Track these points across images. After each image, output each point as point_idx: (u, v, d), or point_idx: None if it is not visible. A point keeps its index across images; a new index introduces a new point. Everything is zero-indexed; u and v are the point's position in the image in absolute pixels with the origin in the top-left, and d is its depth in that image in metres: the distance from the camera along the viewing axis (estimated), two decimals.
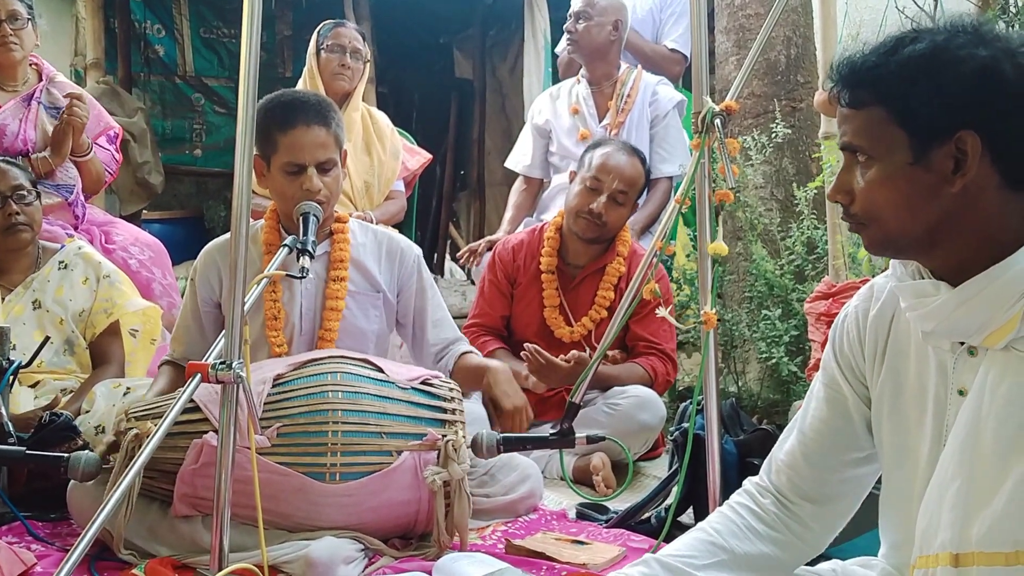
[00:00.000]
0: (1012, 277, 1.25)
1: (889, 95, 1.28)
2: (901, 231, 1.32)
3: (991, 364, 1.27)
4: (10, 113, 3.50)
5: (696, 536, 1.54)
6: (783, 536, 1.54)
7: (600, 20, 3.99)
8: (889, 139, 1.29)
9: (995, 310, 1.25)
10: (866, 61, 1.31)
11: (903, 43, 1.29)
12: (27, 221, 3.06)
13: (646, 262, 2.38)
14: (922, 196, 1.29)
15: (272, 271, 2.12)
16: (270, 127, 2.50)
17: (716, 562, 1.50)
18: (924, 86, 1.26)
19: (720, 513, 1.58)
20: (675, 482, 2.38)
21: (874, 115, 1.30)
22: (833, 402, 1.53)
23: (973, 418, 1.26)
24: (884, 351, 1.45)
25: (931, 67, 1.26)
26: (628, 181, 3.26)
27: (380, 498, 2.21)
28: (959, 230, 1.29)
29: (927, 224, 1.30)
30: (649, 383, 3.15)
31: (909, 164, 1.28)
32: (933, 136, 1.26)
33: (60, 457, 2.21)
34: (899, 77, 1.27)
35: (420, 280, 2.72)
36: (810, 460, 1.54)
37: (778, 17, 2.39)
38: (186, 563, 2.14)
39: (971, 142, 1.25)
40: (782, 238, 3.56)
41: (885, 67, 1.29)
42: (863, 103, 1.31)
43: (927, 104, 1.26)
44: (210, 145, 6.55)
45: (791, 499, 1.56)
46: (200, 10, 6.47)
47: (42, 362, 2.92)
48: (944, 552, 1.24)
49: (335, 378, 2.27)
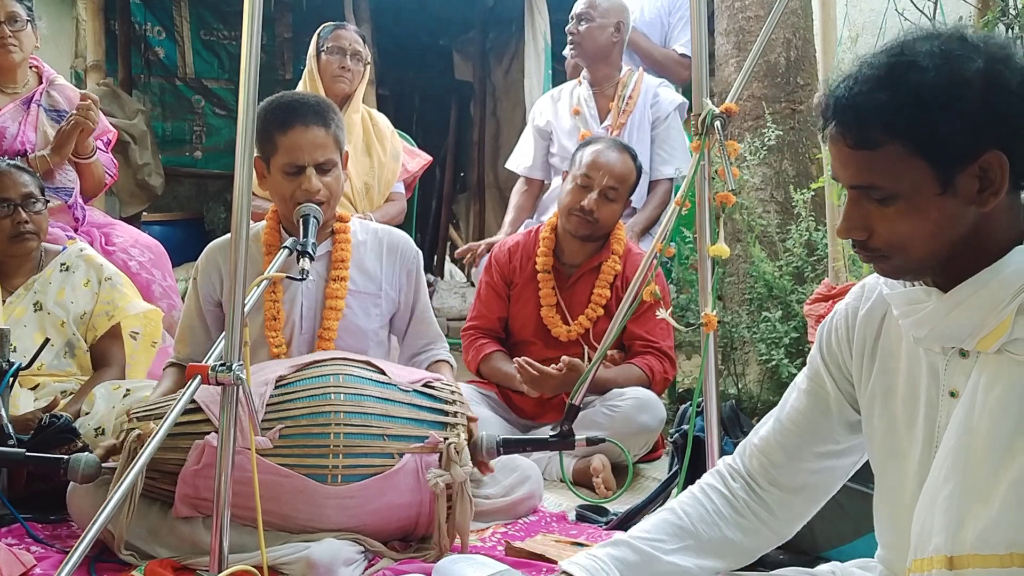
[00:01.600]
0: (1002, 280, 1.25)
1: (907, 130, 1.24)
2: (929, 257, 1.30)
3: (983, 367, 1.28)
4: (10, 116, 3.50)
5: (666, 518, 1.55)
6: (749, 523, 1.56)
7: (602, 22, 3.99)
8: (912, 173, 1.25)
9: (986, 314, 1.25)
10: (870, 99, 1.26)
11: (898, 71, 1.25)
12: (35, 229, 3.05)
13: (646, 264, 2.38)
14: (951, 221, 1.27)
15: (272, 273, 2.12)
16: (269, 128, 2.52)
17: (683, 547, 1.52)
18: (943, 115, 1.22)
19: (691, 495, 1.60)
20: (675, 484, 2.38)
21: (891, 152, 1.25)
22: (814, 395, 1.55)
23: (966, 421, 1.27)
24: (874, 351, 1.46)
25: (946, 94, 1.22)
26: (618, 177, 3.27)
27: (382, 500, 2.21)
28: (975, 241, 1.28)
29: (953, 245, 1.28)
30: (647, 383, 3.16)
31: (937, 195, 1.25)
32: (957, 162, 1.24)
33: (60, 459, 2.22)
34: (916, 110, 1.23)
35: (418, 279, 2.75)
36: (785, 448, 1.55)
37: (778, 19, 2.39)
38: (186, 564, 2.14)
39: (997, 161, 1.23)
40: (782, 240, 3.56)
41: (894, 102, 1.24)
42: (876, 143, 1.26)
43: (950, 133, 1.23)
44: (210, 147, 6.55)
45: (761, 484, 1.57)
46: (200, 12, 6.47)
47: (42, 364, 2.92)
48: (939, 555, 1.24)
49: (337, 380, 2.28)
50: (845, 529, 2.07)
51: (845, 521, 2.03)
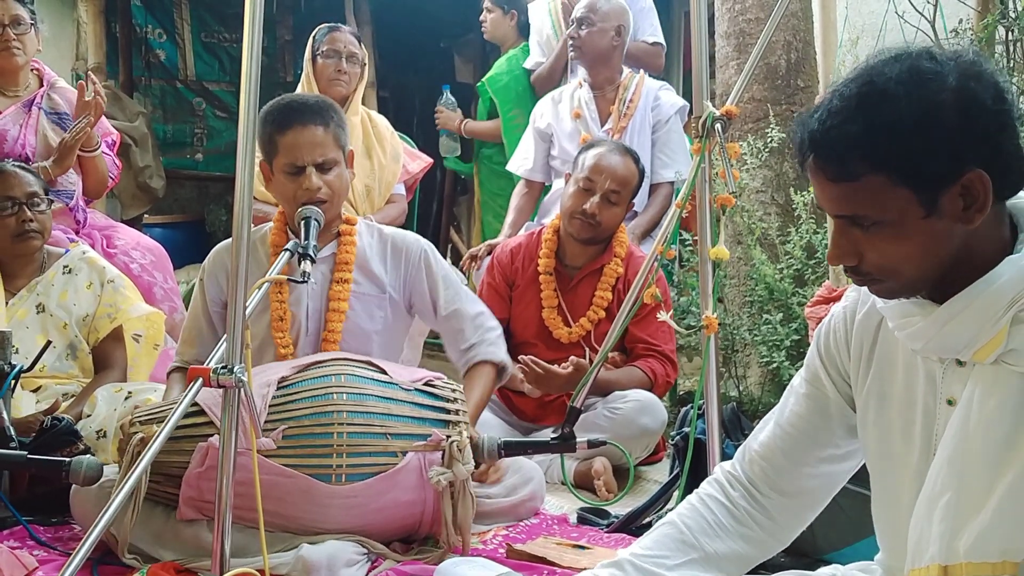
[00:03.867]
0: (995, 291, 1.25)
1: (886, 161, 1.24)
2: (920, 277, 1.30)
3: (979, 377, 1.28)
4: (11, 119, 3.50)
5: (667, 532, 1.55)
6: (751, 531, 1.56)
7: (603, 26, 4.01)
8: (895, 201, 1.25)
9: (981, 325, 1.25)
10: (844, 132, 1.25)
11: (871, 100, 1.24)
12: (39, 228, 3.06)
13: (647, 266, 2.39)
14: (938, 241, 1.27)
15: (273, 275, 2.13)
16: (270, 130, 2.54)
17: (687, 561, 1.51)
18: (920, 142, 1.22)
19: (691, 506, 1.59)
20: (676, 487, 2.38)
21: (873, 183, 1.25)
22: (813, 399, 1.54)
23: (961, 431, 1.27)
24: (871, 356, 1.46)
25: (922, 122, 1.22)
26: (621, 181, 3.27)
27: (386, 499, 2.21)
28: (965, 254, 1.28)
29: (942, 262, 1.28)
30: (648, 386, 3.16)
31: (923, 219, 1.25)
32: (940, 185, 1.24)
33: (61, 461, 2.22)
34: (893, 141, 1.23)
35: (429, 275, 2.68)
36: (786, 453, 1.55)
37: (778, 22, 2.40)
38: (189, 568, 2.14)
39: (978, 179, 1.23)
40: (782, 242, 3.56)
41: (870, 135, 1.24)
42: (856, 175, 1.26)
43: (929, 159, 1.23)
44: (211, 149, 6.56)
45: (762, 490, 1.57)
46: (201, 14, 6.48)
47: (44, 366, 2.92)
48: (934, 564, 1.24)
49: (339, 380, 2.28)
50: (846, 531, 2.08)
51: (846, 523, 2.03)
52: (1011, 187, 1.28)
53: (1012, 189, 1.28)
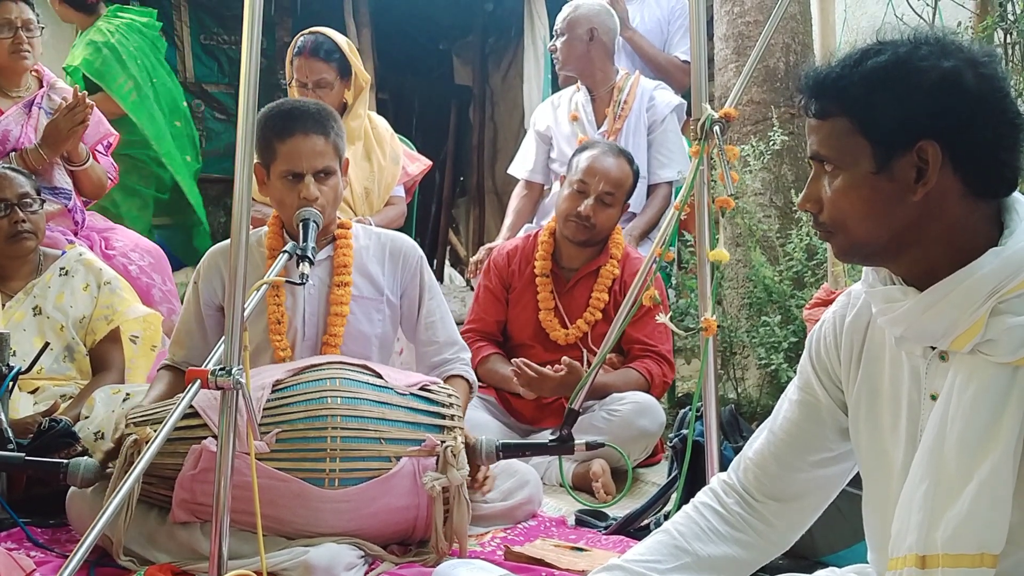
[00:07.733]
0: (976, 280, 1.26)
1: (852, 106, 1.32)
2: (867, 239, 1.35)
3: (959, 368, 1.29)
4: (12, 119, 3.50)
5: (660, 539, 1.55)
6: (746, 536, 1.56)
7: (573, 34, 4.04)
8: (853, 149, 1.32)
9: (960, 313, 1.27)
10: (831, 72, 1.34)
11: (868, 55, 1.32)
12: (32, 229, 3.05)
13: (645, 268, 2.39)
14: (885, 204, 1.31)
15: (271, 277, 2.13)
16: (269, 136, 2.53)
17: (680, 565, 1.52)
18: (885, 97, 1.29)
19: (684, 514, 1.60)
20: (674, 489, 2.38)
21: (839, 125, 1.33)
22: (806, 405, 1.55)
23: (940, 422, 1.28)
24: (860, 357, 1.47)
25: (892, 78, 1.29)
26: (614, 183, 3.28)
27: (379, 503, 2.21)
28: (924, 237, 1.31)
29: (892, 231, 1.32)
30: (646, 387, 3.16)
31: (872, 173, 1.31)
32: (895, 146, 1.29)
33: (59, 463, 2.22)
34: (861, 88, 1.31)
35: (421, 282, 2.71)
36: (779, 459, 1.56)
37: (777, 24, 2.40)
38: (185, 570, 2.14)
39: (932, 152, 1.27)
40: (781, 244, 3.56)
41: (849, 78, 1.32)
42: (828, 114, 1.34)
43: (888, 114, 1.29)
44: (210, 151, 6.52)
45: (757, 497, 1.57)
46: (200, 17, 6.47)
47: (42, 368, 2.92)
48: (911, 554, 1.26)
49: (334, 384, 2.28)
50: (844, 534, 2.07)
51: (844, 526, 2.02)
52: (981, 182, 1.29)
53: (983, 185, 1.30)
